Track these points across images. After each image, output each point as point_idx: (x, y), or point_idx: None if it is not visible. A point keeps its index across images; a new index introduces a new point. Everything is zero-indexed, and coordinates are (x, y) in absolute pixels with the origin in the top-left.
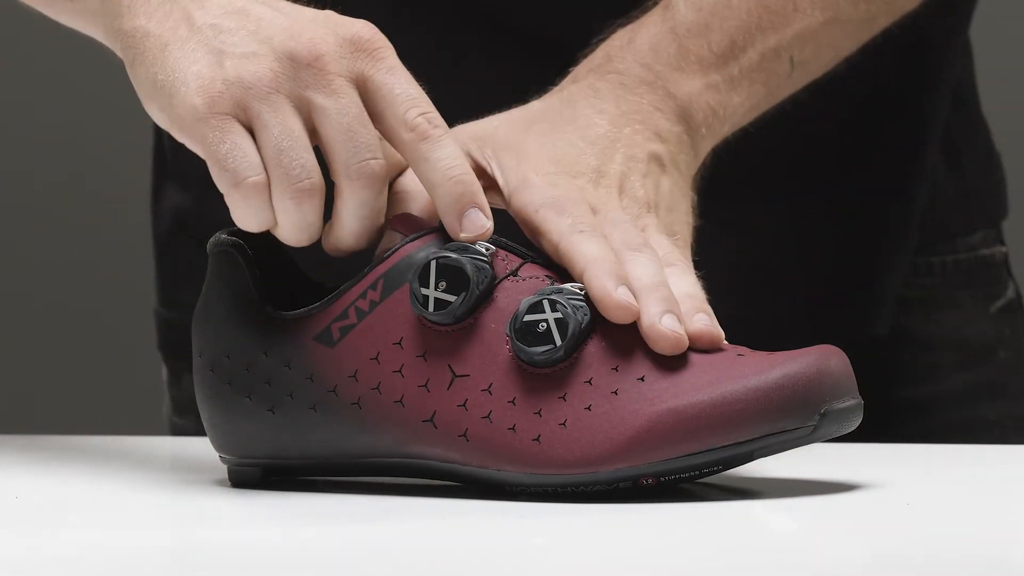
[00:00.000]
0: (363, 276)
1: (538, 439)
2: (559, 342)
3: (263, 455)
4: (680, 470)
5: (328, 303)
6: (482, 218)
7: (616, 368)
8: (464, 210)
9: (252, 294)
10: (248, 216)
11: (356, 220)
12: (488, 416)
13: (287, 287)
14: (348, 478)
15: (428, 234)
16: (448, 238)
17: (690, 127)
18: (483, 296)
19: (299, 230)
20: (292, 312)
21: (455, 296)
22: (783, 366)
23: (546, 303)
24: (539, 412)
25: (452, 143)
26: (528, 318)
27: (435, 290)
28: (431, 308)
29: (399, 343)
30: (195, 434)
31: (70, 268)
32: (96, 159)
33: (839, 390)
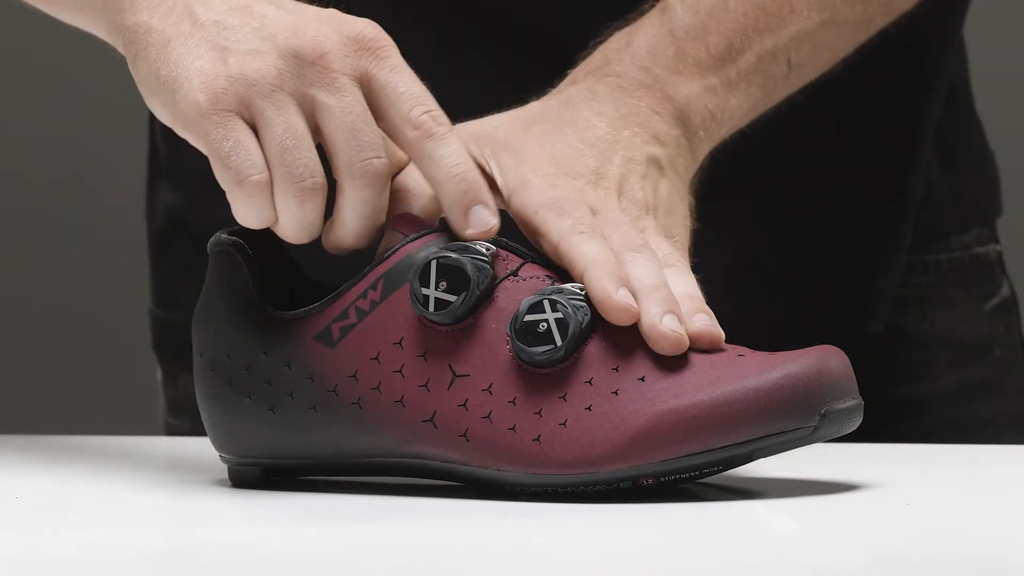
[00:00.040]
0: (363, 276)
1: (538, 439)
2: (559, 342)
3: (263, 455)
4: (680, 470)
5: (328, 303)
6: (487, 215)
7: (616, 368)
8: (470, 207)
9: (252, 294)
10: (250, 214)
11: (358, 219)
12: (488, 416)
13: (287, 287)
14: (348, 478)
15: (429, 234)
16: (449, 238)
17: (688, 130)
18: (483, 296)
19: (300, 228)
20: (292, 312)
21: (455, 296)
22: (783, 366)
23: (546, 303)
24: (539, 412)
25: (456, 140)
26: (528, 318)
27: (435, 290)
28: (431, 308)
29: (399, 343)
30: (190, 435)
31: (70, 268)
32: (96, 158)
33: (839, 390)
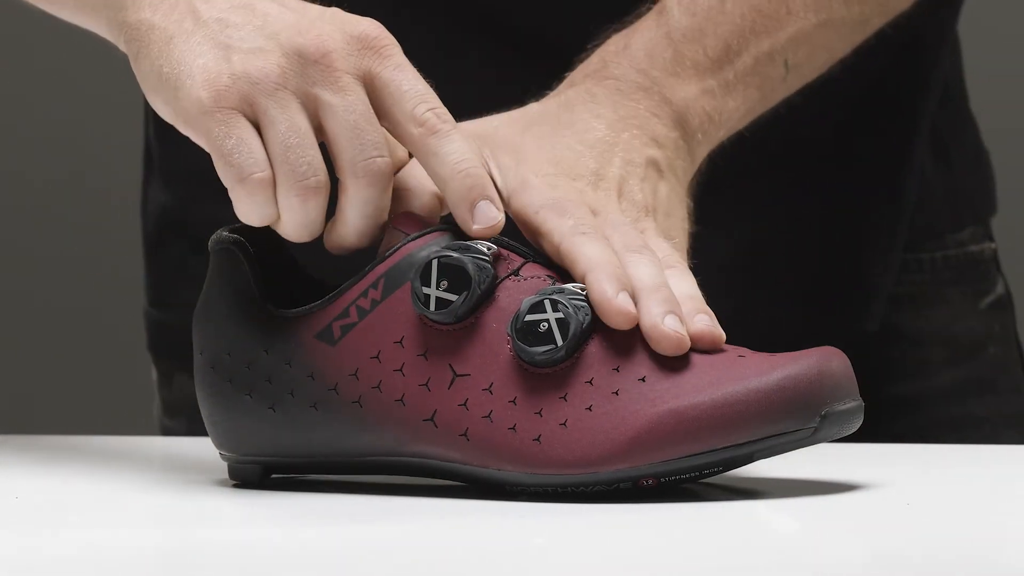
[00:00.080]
0: (364, 274)
1: (538, 439)
2: (560, 342)
3: (263, 453)
4: (681, 471)
5: (329, 301)
6: (493, 210)
7: (617, 368)
8: (475, 203)
9: (253, 292)
10: (251, 211)
11: (360, 218)
12: (489, 416)
13: (288, 285)
14: (348, 477)
15: (430, 233)
16: (451, 236)
17: (686, 133)
18: (484, 295)
19: (302, 227)
20: (293, 310)
21: (456, 295)
22: (784, 367)
23: (547, 303)
24: (540, 412)
25: (460, 137)
26: (529, 318)
27: (436, 289)
28: (432, 307)
29: (400, 342)
30: (186, 436)
31: (70, 267)
32: (96, 158)
33: (840, 392)
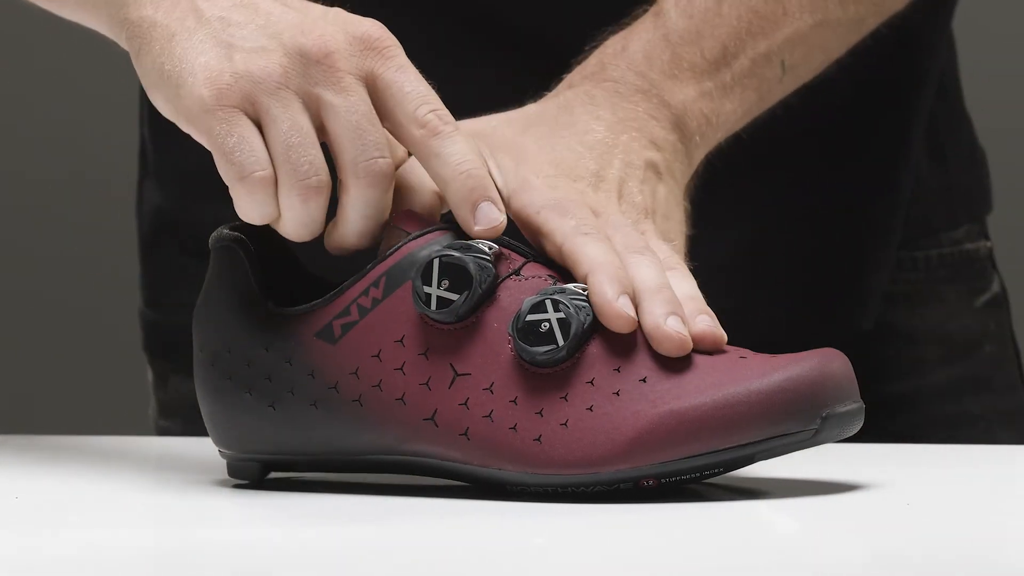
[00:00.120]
0: (365, 273)
1: (539, 439)
2: (561, 342)
3: (263, 451)
4: (681, 472)
5: (330, 299)
6: (495, 211)
7: (618, 369)
8: (477, 204)
9: (254, 290)
10: (252, 210)
11: (361, 218)
12: (489, 415)
13: (289, 283)
14: (348, 476)
15: (431, 232)
16: (452, 236)
17: (684, 135)
18: (486, 295)
19: (303, 226)
20: (294, 308)
21: (458, 294)
22: (785, 369)
23: (549, 303)
24: (540, 412)
25: (462, 138)
26: (531, 317)
27: (438, 288)
28: (433, 306)
29: (401, 341)
30: (181, 436)
31: (69, 267)
32: (96, 158)
33: (841, 394)
